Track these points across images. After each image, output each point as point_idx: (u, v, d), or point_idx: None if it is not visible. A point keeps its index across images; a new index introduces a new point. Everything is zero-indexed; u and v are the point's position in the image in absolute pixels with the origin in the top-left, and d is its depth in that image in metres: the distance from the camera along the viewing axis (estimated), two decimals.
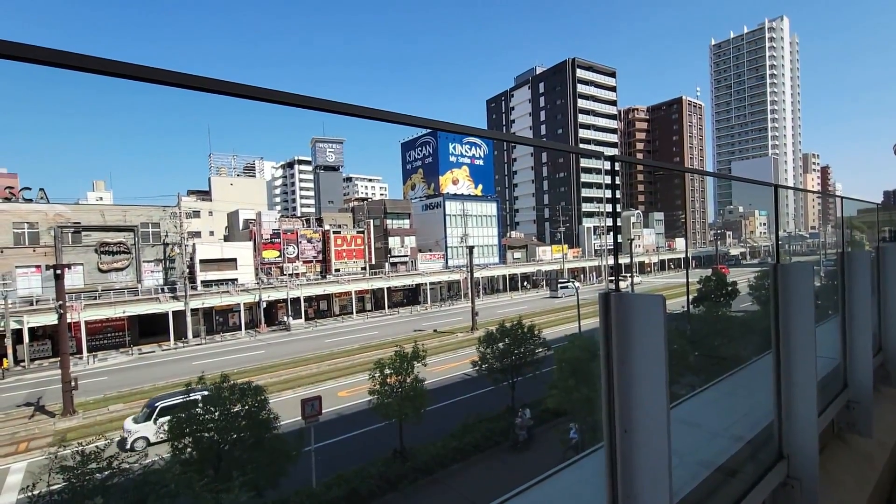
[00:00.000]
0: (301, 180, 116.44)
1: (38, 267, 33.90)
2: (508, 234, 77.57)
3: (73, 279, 33.60)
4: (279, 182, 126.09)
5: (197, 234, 51.41)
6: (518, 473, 13.06)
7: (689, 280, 30.18)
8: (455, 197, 61.88)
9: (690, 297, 27.07)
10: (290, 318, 41.29)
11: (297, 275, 45.84)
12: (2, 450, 16.93)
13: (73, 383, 20.36)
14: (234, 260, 43.38)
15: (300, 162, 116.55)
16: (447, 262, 58.04)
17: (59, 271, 21.84)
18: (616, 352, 1.46)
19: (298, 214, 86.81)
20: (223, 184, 68.86)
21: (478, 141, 67.95)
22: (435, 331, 36.44)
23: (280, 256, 46.06)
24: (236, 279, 42.69)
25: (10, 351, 29.77)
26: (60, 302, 21.39)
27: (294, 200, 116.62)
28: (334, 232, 49.75)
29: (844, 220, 5.64)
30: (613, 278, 1.83)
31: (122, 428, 16.76)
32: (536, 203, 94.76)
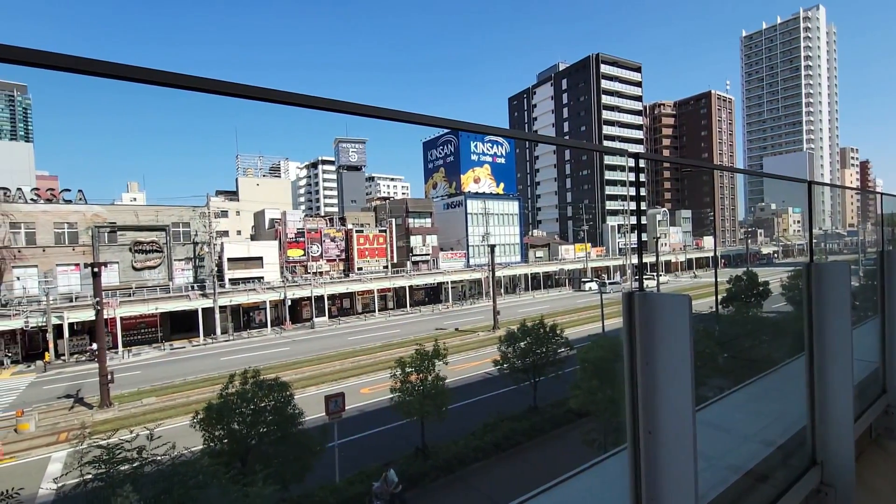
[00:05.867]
0: (325, 180, 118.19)
1: (77, 265, 35.45)
2: (530, 233, 76.96)
3: (109, 277, 34.99)
4: (303, 182, 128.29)
5: (225, 234, 52.86)
6: (541, 473, 12.97)
7: (718, 279, 29.32)
8: (477, 195, 61.73)
9: (719, 297, 26.31)
10: (314, 315, 42.01)
11: (320, 273, 46.59)
12: (44, 440, 17.80)
13: (109, 377, 21.23)
14: (261, 258, 44.39)
15: (324, 162, 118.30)
16: (469, 261, 57.98)
17: (96, 269, 22.77)
18: (640, 352, 1.43)
19: (322, 214, 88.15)
20: (250, 184, 70.55)
21: (499, 139, 67.65)
22: (456, 329, 36.46)
23: (304, 255, 46.89)
24: (262, 277, 43.67)
25: (51, 345, 31.24)
26: (98, 299, 22.31)
27: (318, 200, 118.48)
28: (357, 231, 50.32)
29: (885, 217, 5.39)
30: (637, 277, 1.80)
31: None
32: (559, 201, 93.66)
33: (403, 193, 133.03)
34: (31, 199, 35.63)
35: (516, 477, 13.26)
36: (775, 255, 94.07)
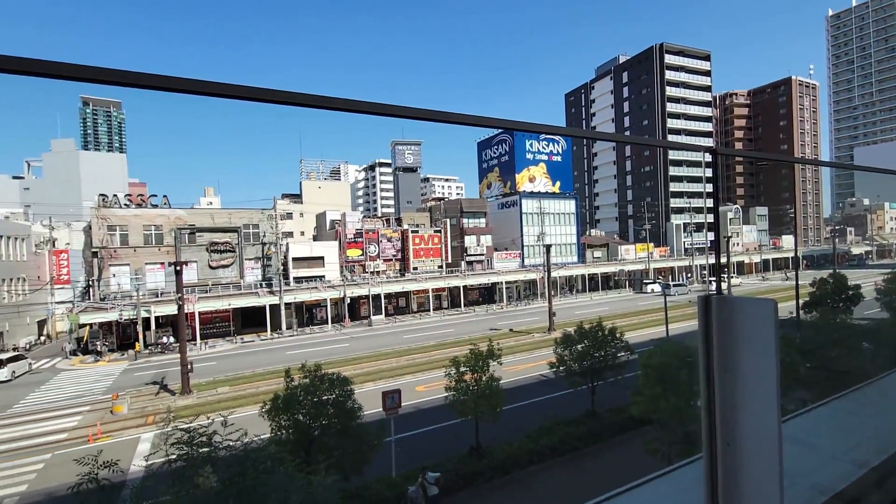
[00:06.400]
0: (381, 182, 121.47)
1: (161, 264, 38.91)
2: (588, 233, 74.64)
3: (188, 275, 38.03)
4: (362, 184, 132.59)
5: (290, 234, 55.80)
6: (600, 480, 12.55)
7: (800, 282, 26.89)
8: (532, 195, 60.80)
9: (801, 301, 24.15)
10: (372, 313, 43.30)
11: (377, 272, 47.91)
12: (134, 421, 19.71)
13: (189, 366, 23.11)
14: (322, 258, 46.40)
15: (381, 164, 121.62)
16: (523, 261, 57.24)
17: (178, 268, 24.87)
18: (717, 360, 1.35)
19: (379, 215, 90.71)
20: (312, 187, 74.04)
21: (556, 137, 66.34)
22: (511, 330, 36.12)
23: (362, 255, 48.44)
24: (324, 276, 45.63)
25: (141, 336, 34.53)
26: (179, 295, 24.35)
27: (375, 201, 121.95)
28: (412, 231, 51.24)
29: None
30: (714, 280, 1.70)
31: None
32: (619, 199, 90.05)
33: (458, 194, 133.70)
34: (125, 204, 39.57)
35: (575, 482, 12.93)
36: (868, 255, 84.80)
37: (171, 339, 35.46)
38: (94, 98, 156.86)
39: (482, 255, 55.69)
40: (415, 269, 50.41)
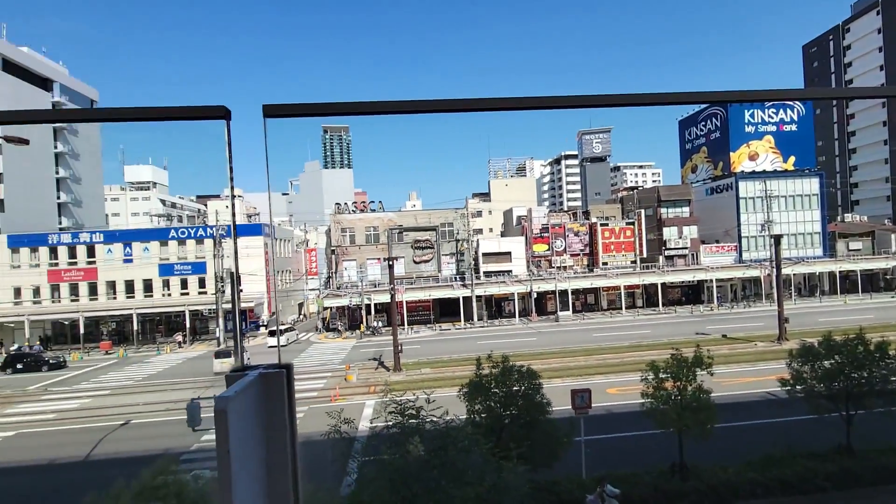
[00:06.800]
0: (567, 174, 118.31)
1: (378, 259, 46.07)
2: (840, 218, 58.30)
3: (398, 268, 44.00)
4: (547, 179, 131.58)
5: (480, 231, 59.29)
6: None
7: None
8: (752, 175, 50.61)
9: None
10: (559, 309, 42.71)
11: (564, 268, 46.98)
12: (361, 389, 23.91)
13: (400, 348, 26.83)
14: (509, 253, 47.93)
15: (566, 157, 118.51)
16: (741, 256, 48.27)
17: (391, 262, 29.13)
18: None
19: (565, 209, 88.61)
20: (499, 185, 76.95)
21: (790, 101, 53.67)
22: (724, 336, 30.99)
23: (549, 250, 48.17)
24: (511, 271, 47.10)
25: (364, 319, 41.64)
26: (392, 286, 28.46)
27: (561, 195, 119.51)
28: (601, 224, 48.57)
29: None
30: None
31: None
32: (892, 172, 67.72)
33: (654, 181, 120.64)
34: (352, 211, 48.23)
35: None
36: None
37: (381, 324, 41.84)
38: (331, 126, 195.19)
39: (685, 248, 49.08)
40: (604, 264, 47.65)
